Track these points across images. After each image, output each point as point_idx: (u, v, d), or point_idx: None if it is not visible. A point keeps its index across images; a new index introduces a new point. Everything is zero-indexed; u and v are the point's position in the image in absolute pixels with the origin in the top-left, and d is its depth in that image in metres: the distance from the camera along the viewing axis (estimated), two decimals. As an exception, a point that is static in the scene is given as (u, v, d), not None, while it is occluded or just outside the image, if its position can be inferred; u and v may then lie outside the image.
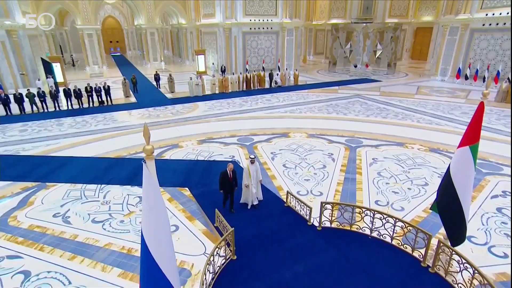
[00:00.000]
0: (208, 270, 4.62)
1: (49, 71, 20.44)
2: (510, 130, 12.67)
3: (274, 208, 7.14)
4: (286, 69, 24.38)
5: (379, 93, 20.25)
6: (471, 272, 4.51)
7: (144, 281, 2.87)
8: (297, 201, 6.79)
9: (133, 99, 19.26)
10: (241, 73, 21.91)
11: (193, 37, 35.48)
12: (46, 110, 16.51)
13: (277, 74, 22.93)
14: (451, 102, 17.59)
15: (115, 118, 15.37)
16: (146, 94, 20.24)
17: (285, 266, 5.34)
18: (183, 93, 20.30)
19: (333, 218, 6.30)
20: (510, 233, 6.37)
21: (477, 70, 22.03)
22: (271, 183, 8.52)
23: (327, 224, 6.39)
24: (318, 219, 6.48)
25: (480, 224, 6.73)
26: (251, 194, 7.17)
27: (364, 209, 6.04)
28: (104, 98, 17.89)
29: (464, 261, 4.63)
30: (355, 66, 31.89)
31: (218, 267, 5.16)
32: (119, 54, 55.61)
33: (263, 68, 24.87)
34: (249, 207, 7.21)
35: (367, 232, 6.08)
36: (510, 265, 5.32)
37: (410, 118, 14.71)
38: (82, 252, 6.06)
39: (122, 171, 9.44)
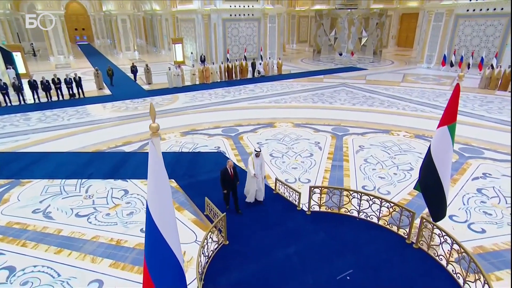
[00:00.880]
0: (202, 253, 4.99)
1: (8, 61, 19.82)
2: (505, 118, 13.65)
3: (264, 196, 7.57)
4: (269, 58, 24.77)
5: (364, 82, 21.06)
6: (450, 243, 5.13)
7: (150, 253, 3.21)
8: (286, 188, 7.25)
9: (107, 92, 19.12)
10: (222, 63, 22.11)
11: (169, 25, 35.14)
12: (9, 104, 16.16)
13: (260, 64, 23.30)
14: (436, 90, 18.59)
15: (89, 111, 15.30)
16: (121, 86, 20.11)
17: (277, 248, 5.80)
18: (161, 85, 20.31)
19: (321, 202, 6.81)
20: (488, 212, 7.12)
21: (462, 57, 23.25)
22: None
23: (316, 209, 6.90)
24: (307, 205, 6.97)
25: (461, 204, 7.45)
26: (253, 189, 7.04)
27: (351, 192, 6.58)
28: (75, 90, 17.67)
29: (444, 233, 5.24)
30: (340, 54, 32.72)
31: (212, 251, 5.55)
32: (86, 43, 54.12)
33: (245, 57, 25.13)
34: (247, 200, 7.22)
35: (355, 214, 6.64)
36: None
37: (396, 106, 15.51)
38: (68, 246, 6.28)
39: (103, 165, 9.59)
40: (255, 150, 7.06)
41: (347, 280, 5.08)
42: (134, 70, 21.38)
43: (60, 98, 17.29)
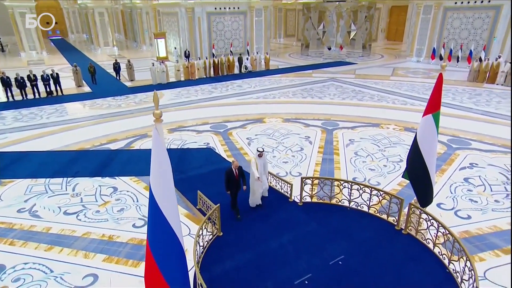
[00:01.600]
0: (198, 242, 5.34)
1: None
2: (492, 110, 14.44)
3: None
4: (257, 52, 25.17)
5: (354, 76, 21.73)
6: (436, 226, 5.64)
7: (153, 236, 3.54)
8: (278, 180, 7.66)
9: (87, 89, 19.15)
10: (207, 58, 22.38)
11: (150, 19, 35.10)
12: (-20, 103, 16.05)
13: (247, 59, 23.68)
14: (426, 83, 19.38)
15: (69, 109, 15.36)
16: (102, 83, 20.12)
17: (270, 238, 6.19)
18: (144, 81, 20.44)
19: (313, 193, 7.25)
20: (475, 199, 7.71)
21: (451, 50, 24.25)
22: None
23: (308, 199, 7.34)
24: (298, 197, 7.40)
25: (449, 192, 8.03)
26: (258, 191, 7.04)
27: (342, 182, 7.05)
28: (52, 87, 17.63)
29: (430, 218, 5.75)
30: (329, 49, 33.45)
31: (206, 242, 5.90)
32: (59, 38, 53.25)
33: (231, 52, 25.46)
34: (254, 206, 7.19)
35: (346, 203, 7.10)
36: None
37: (386, 99, 16.17)
38: (59, 243, 6.51)
39: (89, 163, 9.78)
40: (258, 150, 7.08)
41: (339, 265, 5.52)
42: (117, 67, 21.03)
43: (37, 96, 17.23)
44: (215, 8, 25.40)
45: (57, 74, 17.80)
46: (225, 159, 9.84)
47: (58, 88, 17.74)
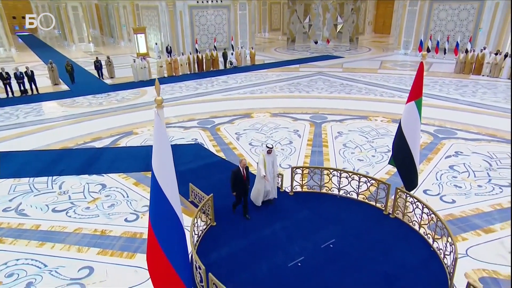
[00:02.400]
0: (193, 230, 5.76)
1: None
2: (478, 101, 15.30)
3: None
4: (242, 47, 25.61)
5: (341, 70, 22.46)
6: (421, 208, 6.24)
7: (155, 216, 3.95)
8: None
9: (64, 87, 19.19)
10: (190, 53, 22.69)
11: (128, 13, 35.06)
12: None
13: (232, 54, 24.10)
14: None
15: (47, 108, 15.46)
16: (80, 81, 20.13)
17: (263, 226, 6.67)
18: (125, 78, 20.61)
19: (303, 183, 7.76)
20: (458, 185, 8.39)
21: (438, 42, 25.30)
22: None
23: (298, 189, 7.85)
24: (289, 187, 7.89)
25: (435, 179, 8.69)
26: (261, 190, 7.11)
27: (331, 170, 7.59)
28: (27, 86, 17.61)
29: (415, 200, 6.34)
30: (316, 42, 34.21)
31: (201, 231, 6.32)
32: (27, 33, 52.32)
33: (214, 47, 25.82)
34: (259, 204, 7.27)
35: (336, 192, 7.65)
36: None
37: (373, 92, 16.90)
38: (50, 239, 6.80)
39: (74, 161, 10.04)
40: (267, 147, 7.10)
41: (330, 248, 6.04)
42: (98, 65, 20.60)
43: (10, 95, 17.19)
44: (197, 2, 25.73)
45: (32, 71, 17.79)
46: (214, 154, 10.26)
47: (33, 86, 17.72)
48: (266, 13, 44.90)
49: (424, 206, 6.17)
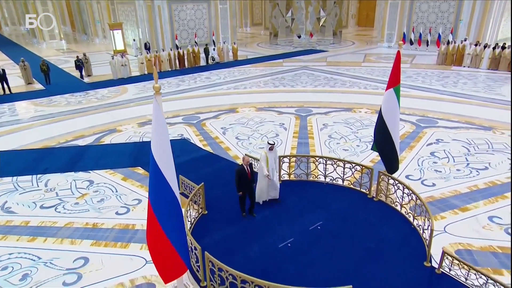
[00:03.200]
0: (186, 218, 6.25)
1: None
2: (459, 91, 16.28)
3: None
4: (224, 42, 26.09)
5: (325, 64, 23.26)
6: (402, 189, 6.92)
7: (154, 195, 4.44)
8: (256, 161, 8.69)
9: (38, 86, 19.26)
10: (171, 50, 23.02)
11: (102, 8, 35.01)
12: None
13: (214, 49, 24.56)
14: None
15: (22, 108, 15.58)
16: (55, 79, 20.15)
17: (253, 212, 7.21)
18: (103, 76, 20.80)
19: (290, 171, 8.35)
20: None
21: (420, 34, 26.43)
22: (227, 154, 10.34)
23: (286, 178, 8.44)
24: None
25: (416, 165, 9.44)
26: (263, 189, 7.30)
27: (317, 158, 8.22)
28: (-1, 86, 17.64)
29: (396, 182, 7.03)
30: (299, 37, 35.00)
31: (193, 219, 6.83)
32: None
33: (195, 43, 26.20)
34: (261, 202, 7.46)
35: (322, 179, 8.28)
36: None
37: (358, 85, 17.71)
38: (41, 234, 7.17)
39: (58, 160, 10.35)
40: (269, 143, 7.22)
41: (318, 230, 6.65)
42: (79, 64, 20.45)
43: (-20, 95, 17.20)
44: (176, -4, 26.04)
45: (3, 70, 17.80)
46: (201, 148, 10.76)
47: (5, 86, 17.74)
48: (247, 7, 45.45)
49: (405, 186, 6.86)
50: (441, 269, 5.48)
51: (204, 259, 5.13)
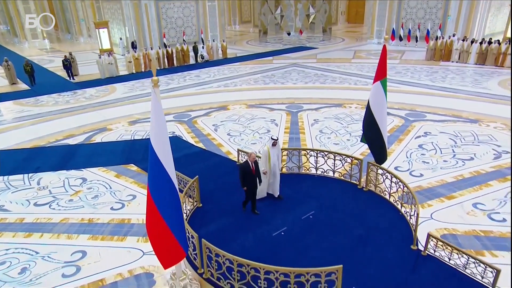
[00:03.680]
0: (182, 210, 6.58)
1: None
2: (447, 86, 16.88)
3: (228, 168, 9.34)
4: (213, 40, 26.41)
5: (315, 60, 23.77)
6: (390, 178, 7.37)
7: (153, 184, 4.76)
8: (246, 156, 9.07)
9: (23, 86, 19.35)
10: (160, 48, 23.26)
11: (86, 7, 35.02)
12: None
13: (203, 47, 24.86)
14: (387, 64, 21.77)
15: (8, 108, 15.73)
16: (40, 79, 20.21)
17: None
18: (90, 76, 20.95)
19: (282, 165, 8.74)
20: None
21: (409, 30, 27.13)
22: (219, 150, 10.68)
23: (278, 171, 8.83)
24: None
25: (405, 157, 9.93)
26: (266, 183, 7.51)
27: (308, 150, 8.62)
28: (-16, 87, 17.67)
29: (385, 171, 7.47)
30: (289, 34, 35.50)
31: (189, 210, 7.17)
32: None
33: (184, 41, 26.46)
34: (261, 197, 7.62)
35: (313, 171, 8.69)
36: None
37: (348, 81, 18.22)
38: (37, 230, 7.42)
39: (49, 158, 10.58)
40: (272, 139, 7.42)
41: (310, 219, 7.05)
42: (67, 64, 20.28)
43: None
44: (163, -7, 26.27)
45: (-13, 71, 17.87)
46: (193, 145, 11.09)
47: (-10, 87, 17.81)
48: (236, 4, 45.85)
49: (393, 176, 7.30)
50: (426, 251, 5.92)
51: (201, 246, 5.47)
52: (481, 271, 5.24)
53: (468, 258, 5.36)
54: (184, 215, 6.89)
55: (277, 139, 7.52)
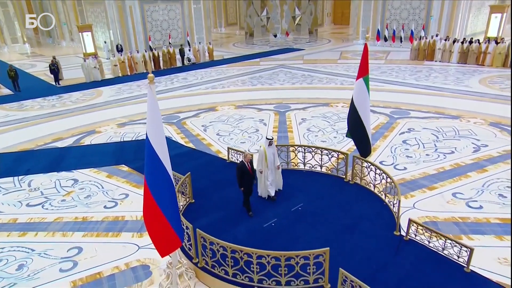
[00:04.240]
0: (176, 202, 6.97)
1: None
2: (430, 84, 17.63)
3: (219, 165, 9.77)
4: (200, 43, 26.83)
5: (302, 62, 24.42)
6: (374, 170, 7.90)
7: (150, 176, 5.16)
8: (238, 154, 9.51)
9: (5, 91, 19.45)
10: (146, 51, 23.57)
11: (68, 10, 35.10)
12: None
13: (189, 50, 25.26)
14: (371, 64, 22.33)
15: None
16: (24, 84, 20.26)
17: (238, 199, 7.96)
18: (75, 80, 21.13)
19: (272, 161, 9.20)
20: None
21: (394, 31, 28.06)
22: (209, 150, 11.10)
23: (268, 167, 9.28)
24: (259, 167, 9.30)
25: (390, 152, 10.50)
26: (265, 183, 7.75)
27: (296, 146, 9.12)
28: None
29: (369, 164, 8.00)
30: (275, 36, 36.18)
31: (182, 206, 7.55)
32: None
33: (169, 44, 26.80)
34: (265, 196, 7.89)
35: (302, 167, 9.17)
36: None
37: (334, 81, 18.87)
38: (31, 229, 7.71)
39: (39, 161, 10.84)
40: (267, 138, 7.65)
41: (299, 211, 7.51)
42: (54, 69, 20.18)
43: None
44: (148, -4, 26.61)
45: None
46: (183, 145, 11.48)
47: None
48: (221, 7, 46.37)
49: (377, 168, 7.83)
50: (408, 236, 6.44)
51: (196, 236, 5.87)
52: (457, 251, 5.78)
53: (446, 240, 5.90)
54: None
55: (272, 139, 7.79)
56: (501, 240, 6.65)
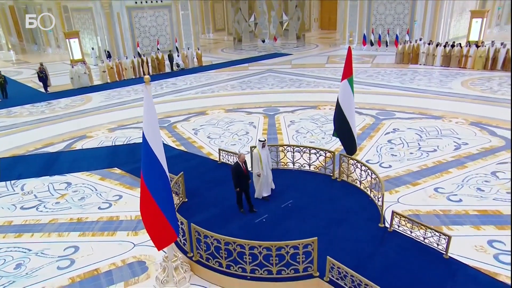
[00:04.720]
0: (170, 200, 7.29)
1: None
2: (415, 86, 18.28)
3: (210, 166, 10.12)
4: (188, 48, 27.22)
5: (290, 66, 24.99)
6: (360, 167, 8.36)
7: (147, 172, 5.50)
8: (229, 154, 9.89)
9: (-8, 98, 19.53)
10: (134, 57, 23.85)
11: (54, 16, 35.07)
12: None
13: (178, 56, 25.63)
14: (358, 68, 23.21)
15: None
16: (11, 91, 20.32)
17: (230, 197, 8.33)
18: (63, 86, 21.30)
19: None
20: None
21: (379, 36, 28.86)
22: (200, 152, 11.45)
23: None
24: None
25: (375, 152, 11.00)
26: (262, 184, 8.01)
27: (285, 146, 9.53)
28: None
29: (355, 161, 8.46)
30: (263, 41, 36.78)
31: (175, 205, 7.88)
32: None
33: (158, 50, 27.13)
34: (260, 198, 8.17)
35: (291, 166, 9.59)
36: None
37: (322, 85, 19.42)
38: (27, 231, 7.95)
39: (31, 166, 11.07)
40: (260, 140, 7.96)
41: (289, 207, 7.91)
42: (43, 76, 20.20)
43: None
44: (136, 2, 26.95)
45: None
46: (174, 148, 11.81)
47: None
48: (209, 12, 46.89)
49: (362, 165, 8.29)
50: (392, 228, 6.88)
51: (191, 230, 6.22)
52: (437, 240, 6.23)
53: (426, 229, 6.35)
54: (172, 207, 7.63)
55: (265, 140, 8.15)
56: (478, 229, 7.15)
